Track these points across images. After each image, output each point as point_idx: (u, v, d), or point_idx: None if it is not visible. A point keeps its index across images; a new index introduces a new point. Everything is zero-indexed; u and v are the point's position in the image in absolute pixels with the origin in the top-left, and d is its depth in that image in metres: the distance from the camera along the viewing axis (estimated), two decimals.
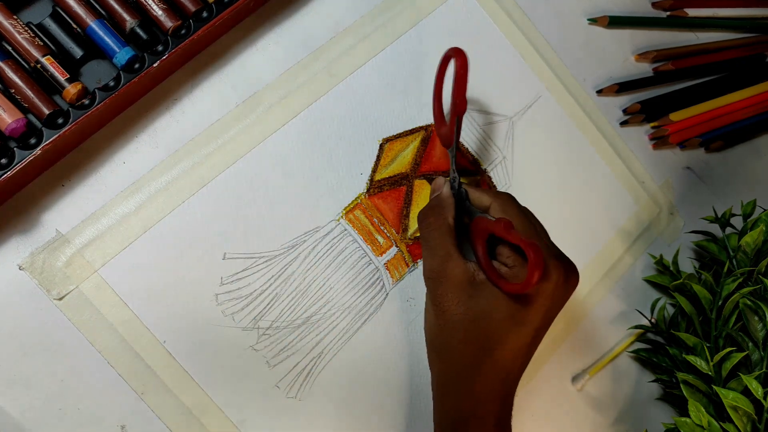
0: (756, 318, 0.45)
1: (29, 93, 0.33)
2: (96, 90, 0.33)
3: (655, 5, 0.55)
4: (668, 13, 0.55)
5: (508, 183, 0.47)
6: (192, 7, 0.36)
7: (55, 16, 0.35)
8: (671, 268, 0.52)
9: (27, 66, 0.34)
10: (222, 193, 0.38)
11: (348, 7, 0.43)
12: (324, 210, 0.41)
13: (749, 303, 0.45)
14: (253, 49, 0.40)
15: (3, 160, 0.32)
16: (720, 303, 0.47)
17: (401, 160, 0.44)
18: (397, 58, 0.44)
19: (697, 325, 0.48)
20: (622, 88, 0.52)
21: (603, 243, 0.51)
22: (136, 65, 0.34)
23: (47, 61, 0.34)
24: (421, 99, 0.44)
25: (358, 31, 0.43)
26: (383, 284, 0.42)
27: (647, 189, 0.53)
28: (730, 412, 0.42)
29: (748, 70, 0.58)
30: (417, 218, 0.40)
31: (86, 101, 0.34)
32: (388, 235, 0.43)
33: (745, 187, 0.59)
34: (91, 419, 0.35)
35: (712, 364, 0.45)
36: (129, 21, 0.35)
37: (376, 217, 0.42)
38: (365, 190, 0.42)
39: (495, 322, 0.35)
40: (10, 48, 0.34)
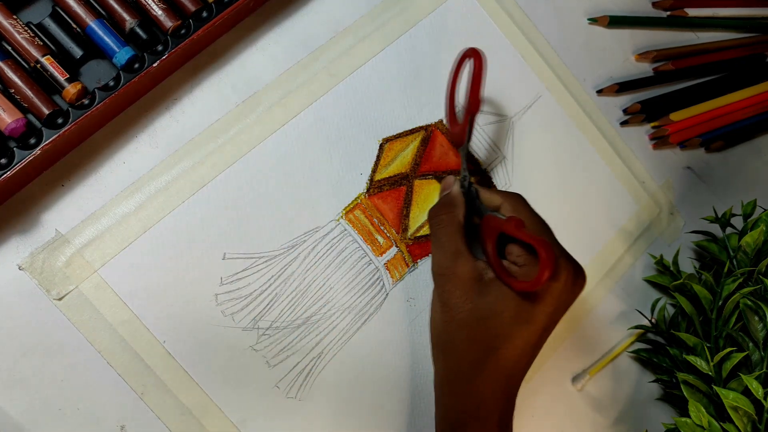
0: (756, 318, 0.45)
1: (29, 93, 0.33)
2: (96, 90, 0.33)
3: (655, 5, 0.55)
4: (668, 13, 0.55)
5: (508, 183, 0.47)
6: (192, 7, 0.36)
7: (54, 16, 0.35)
8: (671, 268, 0.52)
9: (27, 66, 0.34)
10: (222, 193, 0.38)
11: (348, 7, 0.43)
12: (324, 210, 0.41)
13: (749, 303, 0.45)
14: (253, 49, 0.40)
15: (3, 160, 0.32)
16: (720, 303, 0.47)
17: (401, 160, 0.43)
18: (397, 58, 0.44)
19: (697, 325, 0.48)
20: (623, 87, 0.52)
21: (603, 243, 0.51)
22: (136, 65, 0.34)
23: (47, 61, 0.34)
24: (420, 99, 0.44)
25: (358, 31, 0.43)
26: (383, 284, 0.42)
27: (647, 189, 0.53)
28: (731, 412, 0.42)
29: (748, 70, 0.58)
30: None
31: (86, 101, 0.34)
32: (388, 235, 0.43)
33: (746, 187, 0.59)
34: (90, 419, 0.35)
35: (712, 364, 0.45)
36: (129, 21, 0.35)
37: (376, 217, 0.42)
38: (365, 190, 0.42)
39: (502, 320, 0.35)
40: (9, 48, 0.34)
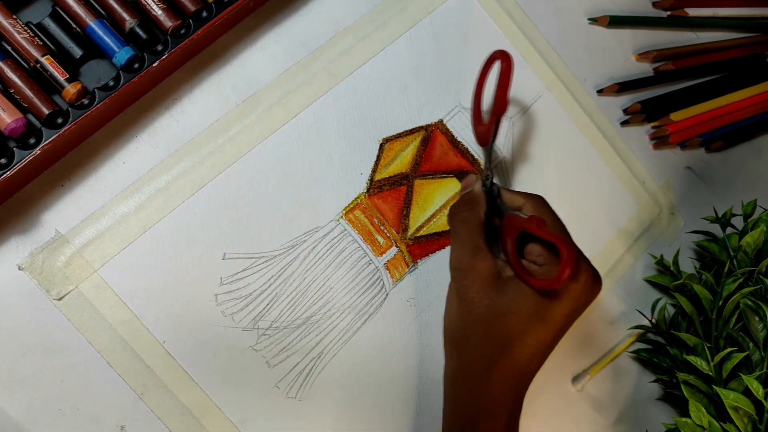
0: (756, 318, 0.45)
1: (29, 93, 0.33)
2: (95, 90, 0.33)
3: (655, 5, 0.55)
4: (669, 13, 0.55)
5: (507, 183, 0.47)
6: (192, 7, 0.36)
7: (54, 16, 0.35)
8: (672, 268, 0.52)
9: (26, 66, 0.34)
10: (222, 193, 0.38)
11: (348, 7, 0.43)
12: (324, 210, 0.41)
13: (750, 303, 0.45)
14: (253, 49, 0.40)
15: (2, 160, 0.32)
16: (720, 303, 0.47)
17: (401, 160, 0.43)
18: (397, 58, 0.44)
19: (697, 325, 0.48)
20: (623, 87, 0.52)
21: (603, 243, 0.51)
22: (136, 65, 0.34)
23: (47, 61, 0.34)
24: (421, 99, 0.44)
25: (358, 31, 0.43)
26: (383, 284, 0.42)
27: (648, 189, 0.53)
28: (731, 412, 0.42)
29: (748, 70, 0.58)
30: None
31: (86, 101, 0.34)
32: (388, 235, 0.43)
33: (746, 187, 0.59)
34: (90, 419, 0.35)
35: (712, 364, 0.45)
36: (128, 21, 0.35)
37: (376, 217, 0.42)
38: (365, 190, 0.42)
39: (519, 318, 0.35)
40: (9, 48, 0.34)
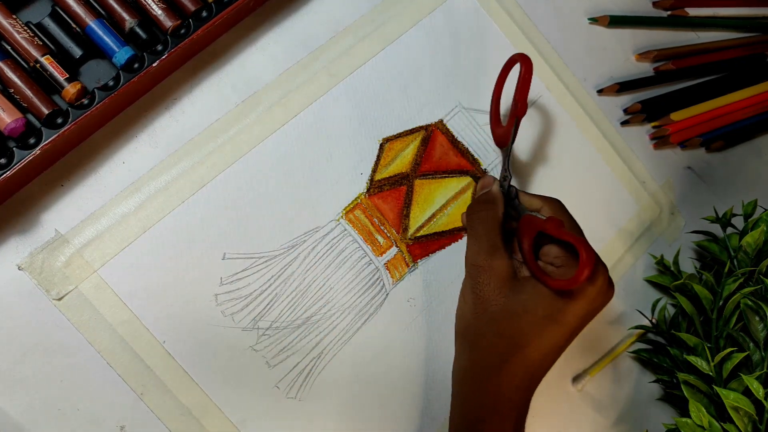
0: (757, 318, 0.45)
1: (28, 93, 0.33)
2: (95, 90, 0.33)
3: (655, 5, 0.55)
4: (669, 13, 0.55)
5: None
6: (191, 7, 0.36)
7: (54, 16, 0.35)
8: (672, 268, 0.52)
9: (26, 65, 0.34)
10: (222, 193, 0.38)
11: (348, 7, 0.43)
12: (324, 210, 0.41)
13: (750, 303, 0.45)
14: (253, 49, 0.40)
15: (2, 160, 0.32)
16: (721, 303, 0.47)
17: (401, 160, 0.43)
18: (397, 58, 0.44)
19: (697, 325, 0.48)
20: (623, 87, 0.52)
21: (603, 243, 0.51)
22: (136, 65, 0.34)
23: (46, 61, 0.34)
24: (420, 99, 0.44)
25: (358, 30, 0.43)
26: (383, 284, 0.42)
27: (648, 189, 0.53)
28: (731, 412, 0.42)
29: (748, 70, 0.58)
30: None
31: (85, 101, 0.34)
32: (388, 235, 0.43)
33: (746, 187, 0.59)
34: (90, 419, 0.35)
35: (712, 364, 0.45)
36: (128, 20, 0.35)
37: (376, 217, 0.42)
38: (365, 190, 0.42)
39: (534, 318, 0.35)
40: (9, 47, 0.34)
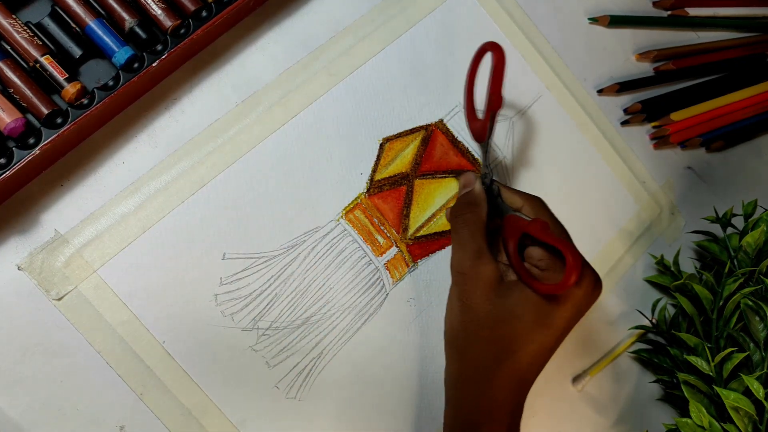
0: (757, 318, 0.45)
1: (28, 92, 0.33)
2: (95, 89, 0.33)
3: (656, 4, 0.55)
4: (669, 13, 0.55)
5: (507, 183, 0.47)
6: (191, 7, 0.36)
7: (54, 16, 0.35)
8: (672, 268, 0.51)
9: (26, 65, 0.34)
10: (221, 193, 0.38)
11: (348, 7, 0.43)
12: (324, 210, 0.41)
13: (750, 303, 0.45)
14: (253, 49, 0.40)
15: (2, 160, 0.32)
16: (721, 303, 0.47)
17: (401, 160, 0.43)
18: (397, 58, 0.44)
19: (698, 325, 0.48)
20: (623, 87, 0.52)
21: (603, 243, 0.50)
22: (135, 65, 0.34)
23: (46, 61, 0.33)
24: (420, 99, 0.44)
25: (358, 30, 0.43)
26: (383, 284, 0.42)
27: (648, 189, 0.53)
28: (731, 412, 0.42)
29: (748, 70, 0.58)
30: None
31: (85, 101, 0.34)
32: (388, 235, 0.43)
33: (746, 187, 0.59)
34: (90, 420, 0.35)
35: (713, 364, 0.45)
36: (128, 20, 0.35)
37: (376, 217, 0.42)
38: (365, 190, 0.42)
39: (522, 323, 0.34)
40: (8, 47, 0.34)
